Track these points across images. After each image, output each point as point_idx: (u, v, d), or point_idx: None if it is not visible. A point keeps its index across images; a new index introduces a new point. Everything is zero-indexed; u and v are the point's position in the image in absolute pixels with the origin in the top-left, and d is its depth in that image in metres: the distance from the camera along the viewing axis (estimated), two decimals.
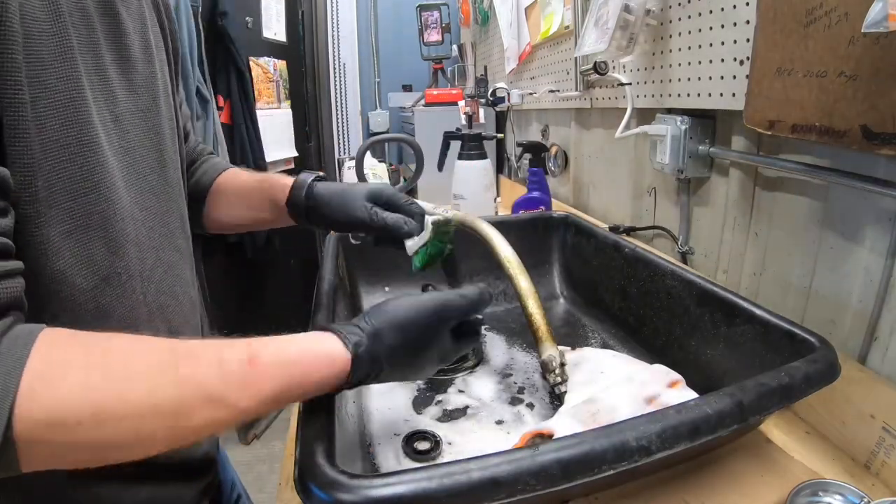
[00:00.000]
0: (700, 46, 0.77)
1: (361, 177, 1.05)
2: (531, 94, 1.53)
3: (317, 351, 0.38)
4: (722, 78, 0.73)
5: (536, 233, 0.93)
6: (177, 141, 0.53)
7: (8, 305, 0.31)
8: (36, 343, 0.30)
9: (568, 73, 1.27)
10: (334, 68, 2.56)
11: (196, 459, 0.54)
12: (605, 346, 0.73)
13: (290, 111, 2.15)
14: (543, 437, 0.46)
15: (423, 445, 0.52)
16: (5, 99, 0.33)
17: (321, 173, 0.64)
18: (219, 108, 1.67)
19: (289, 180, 0.63)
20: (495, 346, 0.73)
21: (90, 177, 0.38)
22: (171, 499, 0.50)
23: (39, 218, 0.35)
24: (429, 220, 0.62)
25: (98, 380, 0.31)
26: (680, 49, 0.81)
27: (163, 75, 0.50)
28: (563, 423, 0.48)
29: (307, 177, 0.63)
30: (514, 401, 0.61)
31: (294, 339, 0.38)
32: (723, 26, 0.72)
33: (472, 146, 1.17)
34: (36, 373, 0.29)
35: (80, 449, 0.30)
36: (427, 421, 0.57)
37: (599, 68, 1.03)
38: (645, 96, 0.93)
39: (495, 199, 1.23)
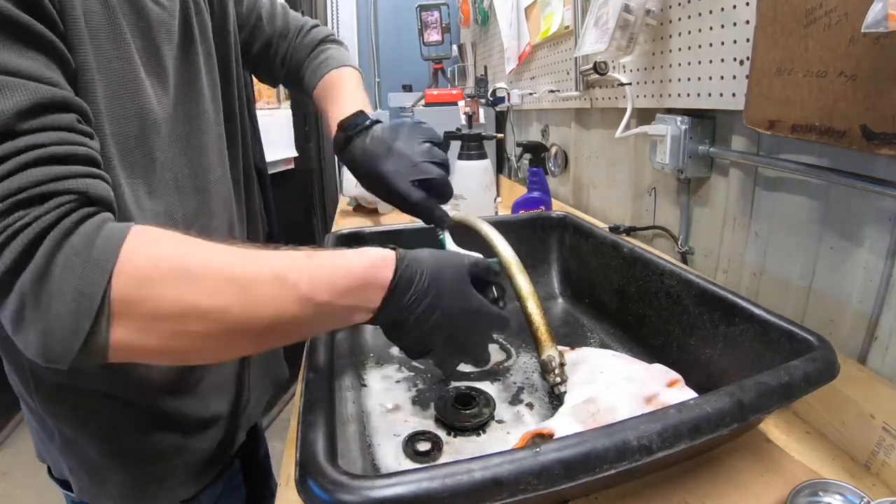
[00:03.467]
0: (700, 46, 0.77)
1: None
2: (531, 94, 1.53)
3: (366, 248, 0.44)
4: (722, 78, 0.73)
5: (535, 233, 0.93)
6: (218, 99, 0.61)
7: (106, 201, 0.38)
8: (132, 228, 0.36)
9: (568, 73, 1.27)
10: None
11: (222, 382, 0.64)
12: (603, 345, 0.73)
13: (290, 111, 2.15)
14: (544, 437, 0.46)
15: (423, 446, 0.52)
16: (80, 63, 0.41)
17: (371, 118, 0.66)
18: None
19: (339, 118, 0.67)
20: (494, 346, 0.73)
21: (145, 141, 0.48)
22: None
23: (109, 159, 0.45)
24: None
25: (185, 249, 0.38)
26: (680, 49, 0.81)
27: (205, 47, 0.58)
28: (563, 423, 0.48)
29: (353, 126, 0.65)
30: (514, 401, 0.61)
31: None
32: (723, 26, 0.72)
33: (472, 146, 1.17)
34: (135, 241, 0.35)
35: (164, 316, 0.35)
36: (427, 421, 0.57)
37: (599, 68, 1.03)
38: (645, 96, 0.93)
39: (495, 199, 1.23)
